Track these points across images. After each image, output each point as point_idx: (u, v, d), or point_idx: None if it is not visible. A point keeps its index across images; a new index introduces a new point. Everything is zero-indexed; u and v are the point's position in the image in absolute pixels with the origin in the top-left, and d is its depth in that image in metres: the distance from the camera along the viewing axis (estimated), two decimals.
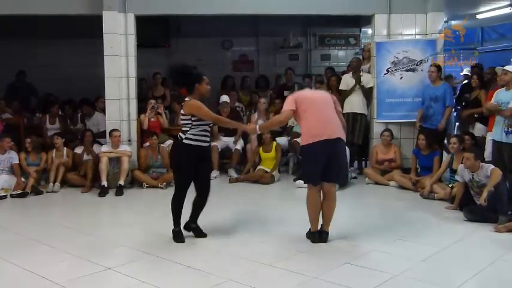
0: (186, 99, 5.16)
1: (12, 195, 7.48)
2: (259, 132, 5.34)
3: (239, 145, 8.95)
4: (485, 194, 5.83)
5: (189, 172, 5.14)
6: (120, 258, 4.77)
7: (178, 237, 5.23)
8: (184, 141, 5.09)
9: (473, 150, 6.33)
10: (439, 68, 8.11)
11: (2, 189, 7.59)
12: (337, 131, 5.13)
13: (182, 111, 5.17)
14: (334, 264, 4.57)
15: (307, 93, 5.50)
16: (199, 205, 5.33)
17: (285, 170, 9.22)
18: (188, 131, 5.09)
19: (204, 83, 5.21)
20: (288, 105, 5.17)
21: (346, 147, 8.11)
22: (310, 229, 5.24)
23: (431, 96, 8.02)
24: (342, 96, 8.81)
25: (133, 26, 8.45)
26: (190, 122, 5.09)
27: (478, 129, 7.83)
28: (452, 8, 9.77)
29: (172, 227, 5.27)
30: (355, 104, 8.66)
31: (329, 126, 5.08)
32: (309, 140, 5.03)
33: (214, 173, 8.80)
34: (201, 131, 5.12)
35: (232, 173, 8.81)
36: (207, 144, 5.25)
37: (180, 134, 5.16)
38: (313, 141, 5.00)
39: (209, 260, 4.73)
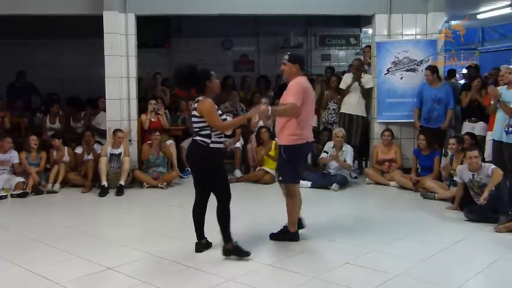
0: (200, 98, 4.72)
1: (12, 195, 7.48)
2: (269, 115, 4.92)
3: (239, 144, 8.92)
4: (486, 194, 5.83)
5: (227, 177, 4.93)
6: (121, 258, 4.76)
7: (244, 252, 4.76)
8: (211, 145, 4.67)
9: (475, 148, 6.32)
10: (433, 69, 8.10)
11: (3, 189, 7.61)
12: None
13: (196, 113, 4.70)
14: (335, 264, 4.58)
15: (308, 86, 5.13)
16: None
17: None
18: (210, 133, 4.67)
19: (214, 78, 4.83)
20: (297, 98, 4.91)
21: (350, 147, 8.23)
22: (289, 231, 5.20)
23: (434, 98, 8.01)
24: (340, 95, 8.85)
25: (134, 26, 8.44)
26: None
27: (480, 128, 7.82)
28: (453, 8, 9.77)
29: (224, 244, 4.77)
30: (351, 105, 8.70)
31: (311, 128, 5.24)
32: (298, 141, 5.01)
33: None
34: (221, 132, 4.79)
35: (238, 173, 8.77)
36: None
37: (201, 138, 4.69)
38: (302, 142, 5.04)
39: (209, 260, 4.72)
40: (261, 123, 9.08)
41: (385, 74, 8.59)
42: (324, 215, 6.38)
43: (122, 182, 7.79)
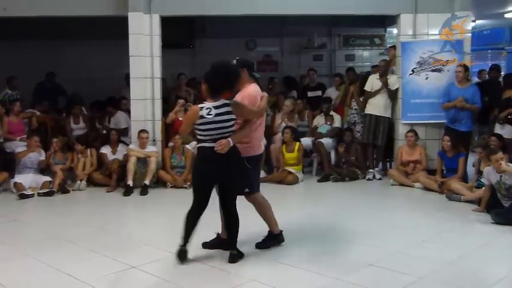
0: (228, 102, 4.53)
1: (39, 194, 7.61)
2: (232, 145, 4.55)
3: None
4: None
5: None
6: (145, 257, 4.80)
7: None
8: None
9: (498, 151, 6.23)
10: (466, 68, 8.01)
11: (30, 188, 7.73)
12: None
13: (233, 116, 4.52)
14: (358, 266, 4.54)
15: (260, 94, 4.89)
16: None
17: (309, 170, 9.18)
18: None
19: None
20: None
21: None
22: (274, 234, 5.06)
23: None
24: (364, 96, 8.78)
25: (159, 27, 8.51)
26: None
27: (508, 131, 7.68)
28: (480, 7, 9.63)
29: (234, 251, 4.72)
30: (379, 106, 8.62)
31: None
32: (257, 151, 4.95)
33: None
34: None
35: (262, 174, 8.73)
36: None
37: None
38: (260, 152, 5.04)
39: None
40: (284, 124, 9.08)
41: (410, 74, 8.51)
42: (347, 216, 6.34)
43: (147, 182, 7.86)
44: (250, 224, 5.17)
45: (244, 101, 4.71)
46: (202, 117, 4.43)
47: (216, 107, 4.46)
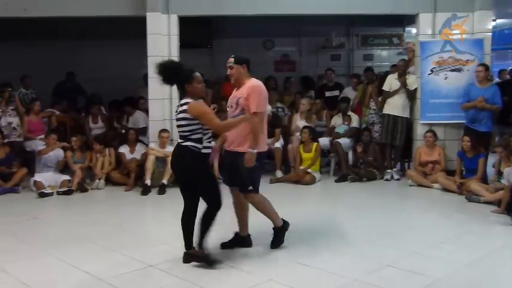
0: (188, 100, 4.44)
1: (58, 193, 7.69)
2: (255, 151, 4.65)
3: (279, 144, 8.86)
4: None
5: (218, 183, 4.64)
6: (162, 256, 4.83)
7: (216, 261, 4.59)
8: (203, 151, 4.45)
9: None
10: (486, 67, 7.91)
11: (49, 186, 7.82)
12: None
13: (186, 115, 4.41)
14: (376, 267, 4.51)
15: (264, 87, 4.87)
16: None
17: (326, 170, 9.15)
18: (201, 138, 4.44)
19: (195, 82, 4.49)
20: (261, 104, 4.70)
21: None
22: (279, 228, 5.03)
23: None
24: (383, 96, 8.72)
25: (177, 27, 8.55)
26: (201, 126, 4.45)
27: None
28: (500, 6, 9.51)
29: (193, 249, 4.65)
30: (397, 106, 8.55)
31: None
32: (262, 148, 4.80)
33: None
34: (210, 136, 4.54)
35: (278, 173, 8.76)
36: None
37: (193, 143, 4.42)
38: (265, 149, 4.89)
39: (250, 260, 4.73)
40: (303, 123, 9.04)
41: (429, 74, 8.44)
42: (364, 217, 6.31)
43: (165, 181, 7.88)
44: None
45: (252, 94, 4.66)
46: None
47: (180, 105, 4.52)
